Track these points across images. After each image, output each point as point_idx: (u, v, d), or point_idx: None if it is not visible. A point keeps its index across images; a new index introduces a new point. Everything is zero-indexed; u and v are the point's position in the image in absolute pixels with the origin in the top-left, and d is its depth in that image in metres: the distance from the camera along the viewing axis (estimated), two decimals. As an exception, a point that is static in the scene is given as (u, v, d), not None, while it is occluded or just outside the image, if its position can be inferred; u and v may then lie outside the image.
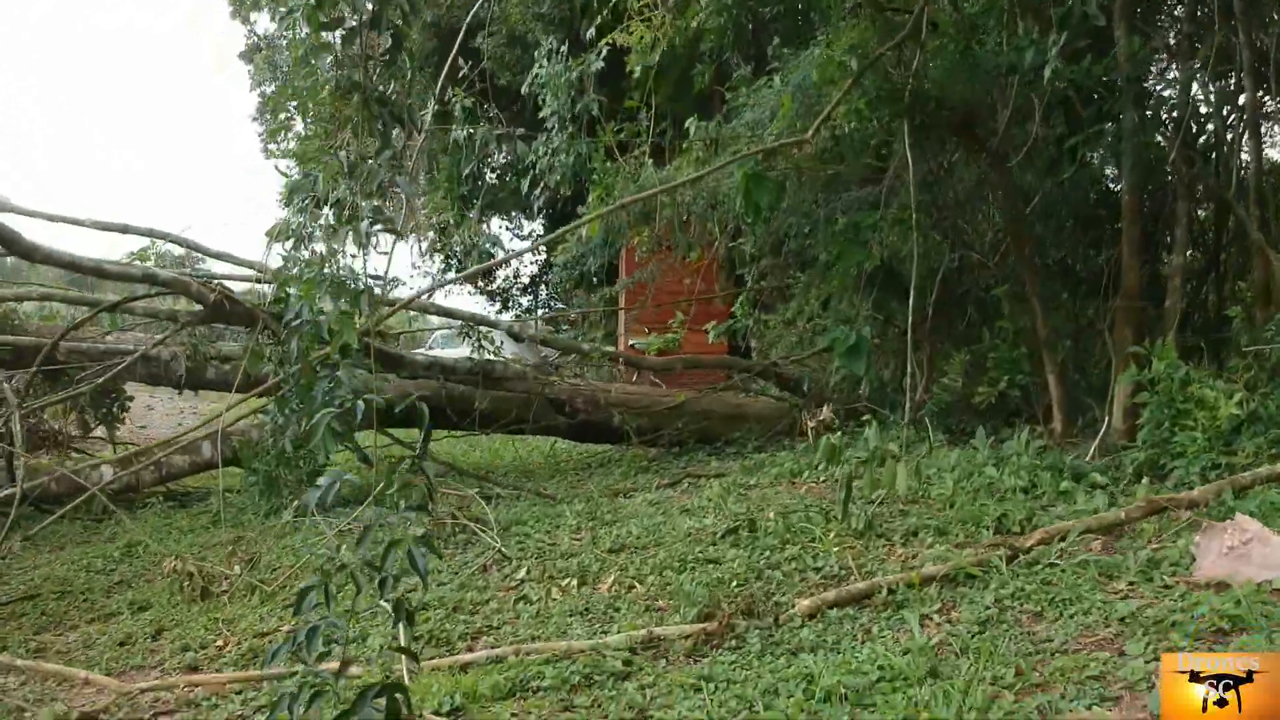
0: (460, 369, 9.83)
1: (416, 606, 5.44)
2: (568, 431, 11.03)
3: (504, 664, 4.33)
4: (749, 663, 4.08)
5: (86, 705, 4.39)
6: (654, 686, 3.96)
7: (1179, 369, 7.15)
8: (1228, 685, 2.64)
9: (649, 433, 10.77)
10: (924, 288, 10.35)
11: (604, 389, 10.84)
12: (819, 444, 6.45)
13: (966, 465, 7.57)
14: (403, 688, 3.33)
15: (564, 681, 4.09)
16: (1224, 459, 6.53)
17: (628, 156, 11.12)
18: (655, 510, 7.48)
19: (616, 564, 5.92)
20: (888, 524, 6.15)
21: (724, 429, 10.98)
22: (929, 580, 4.76)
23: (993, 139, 9.42)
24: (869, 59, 8.66)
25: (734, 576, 5.29)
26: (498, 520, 7.37)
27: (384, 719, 3.34)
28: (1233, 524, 4.72)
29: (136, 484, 9.58)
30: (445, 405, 10.04)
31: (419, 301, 10.08)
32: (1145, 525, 5.41)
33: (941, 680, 3.64)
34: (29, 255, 7.65)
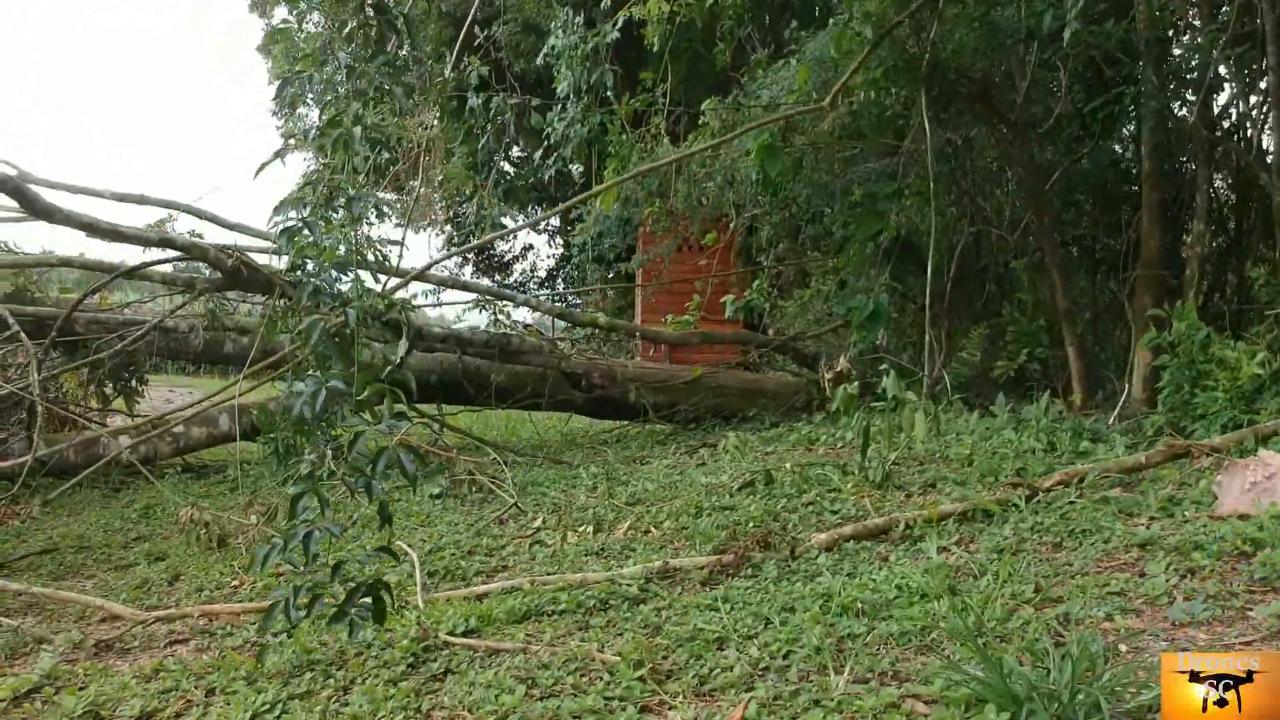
0: (477, 341, 9.83)
1: (433, 547, 5.45)
2: (584, 406, 11.00)
3: (520, 592, 4.31)
4: (765, 587, 4.05)
5: (104, 637, 4.39)
6: (670, 608, 3.93)
7: (1200, 330, 7.09)
8: (1228, 685, 2.60)
9: (665, 408, 10.75)
10: (942, 262, 10.33)
11: (620, 364, 10.82)
12: (835, 393, 6.40)
13: (985, 429, 7.53)
14: (386, 586, 3.33)
15: (579, 605, 4.07)
16: (1246, 418, 6.47)
17: (642, 130, 11.08)
18: (672, 470, 7.47)
19: (633, 514, 5.90)
20: (906, 478, 6.11)
21: (740, 404, 10.94)
22: (946, 517, 4.73)
23: (1012, 110, 9.37)
24: (885, 29, 8.63)
25: (750, 519, 5.26)
26: (517, 482, 7.37)
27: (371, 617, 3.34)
28: (1256, 460, 4.66)
29: (154, 455, 9.59)
30: (462, 379, 10.06)
31: (434, 273, 10.05)
32: (1166, 470, 5.36)
33: (960, 595, 3.60)
34: (49, 216, 7.67)
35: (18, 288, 9.33)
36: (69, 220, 7.65)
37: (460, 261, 30.15)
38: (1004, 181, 10.93)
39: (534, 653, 3.53)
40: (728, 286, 14.86)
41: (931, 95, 9.20)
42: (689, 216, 11.72)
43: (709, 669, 3.21)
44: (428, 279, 10.21)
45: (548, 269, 30.87)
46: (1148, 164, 8.72)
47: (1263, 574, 3.44)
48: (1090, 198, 10.52)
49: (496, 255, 30.95)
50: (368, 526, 6.21)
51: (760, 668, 3.20)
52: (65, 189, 8.84)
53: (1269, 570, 3.43)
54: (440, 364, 10.11)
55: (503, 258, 30.88)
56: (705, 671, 3.20)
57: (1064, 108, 9.68)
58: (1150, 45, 8.40)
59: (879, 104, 9.66)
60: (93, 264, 8.91)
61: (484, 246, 30.32)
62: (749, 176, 10.17)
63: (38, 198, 7.50)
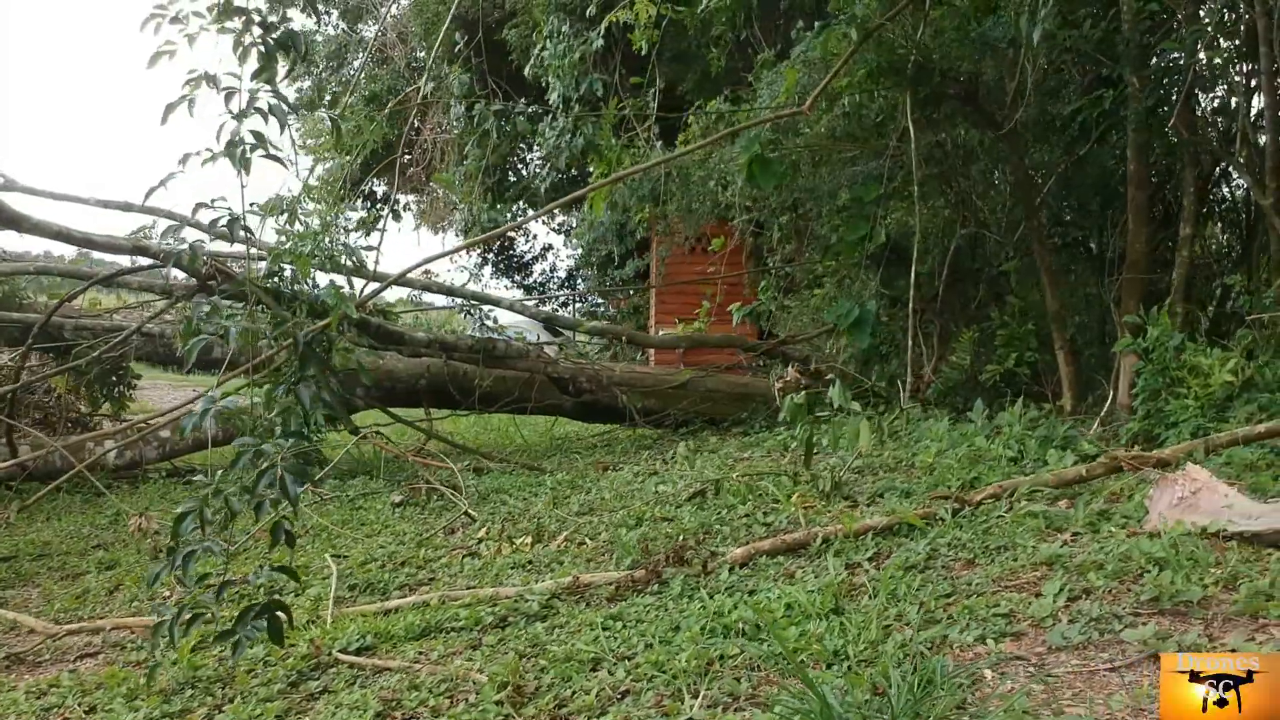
0: (461, 346, 9.82)
1: (367, 559, 5.44)
2: (572, 411, 10.99)
3: (426, 608, 4.29)
4: (665, 605, 4.01)
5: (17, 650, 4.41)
6: (564, 626, 3.90)
7: (1173, 336, 6.97)
8: (1228, 685, 2.59)
9: (655, 413, 10.71)
10: (934, 265, 10.23)
11: (608, 368, 10.78)
12: (784, 403, 6.33)
13: (957, 436, 7.44)
14: (284, 606, 3.32)
15: (477, 622, 4.05)
16: (1214, 426, 6.34)
17: (632, 135, 11.04)
18: (636, 478, 7.43)
19: (576, 524, 5.88)
20: (856, 488, 6.04)
21: (731, 408, 10.88)
22: (867, 531, 4.65)
23: (1001, 111, 9.25)
24: (868, 30, 8.54)
25: (682, 532, 5.22)
26: (481, 489, 7.38)
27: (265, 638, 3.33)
28: (1183, 474, 4.57)
29: (140, 460, 9.67)
30: (448, 383, 10.07)
31: (415, 277, 10.03)
32: (1107, 483, 5.26)
33: (843, 615, 3.54)
34: (16, 225, 7.74)
35: (4, 294, 9.42)
36: (38, 229, 7.72)
37: (480, 262, 30.26)
38: (998, 184, 10.81)
39: (415, 672, 3.51)
40: (739, 288, 14.85)
41: (918, 97, 9.11)
42: (682, 220, 11.66)
43: (571, 692, 3.18)
44: (410, 283, 10.21)
45: (567, 269, 30.87)
46: (1133, 165, 8.58)
47: (1151, 594, 3.34)
48: (1084, 200, 10.37)
49: (516, 255, 30.99)
50: (319, 536, 6.23)
51: (620, 691, 3.16)
52: (49, 196, 8.91)
53: (1158, 591, 3.34)
54: (427, 369, 10.12)
55: (522, 258, 30.92)
56: (567, 694, 3.16)
57: (1054, 106, 9.55)
58: (1132, 45, 8.26)
59: (865, 106, 9.57)
60: (69, 271, 8.98)
61: (504, 247, 30.40)
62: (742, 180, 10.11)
63: (5, 206, 7.57)
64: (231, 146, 3.80)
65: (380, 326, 9.24)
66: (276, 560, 3.94)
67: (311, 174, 15.62)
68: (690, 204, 11.39)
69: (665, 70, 11.92)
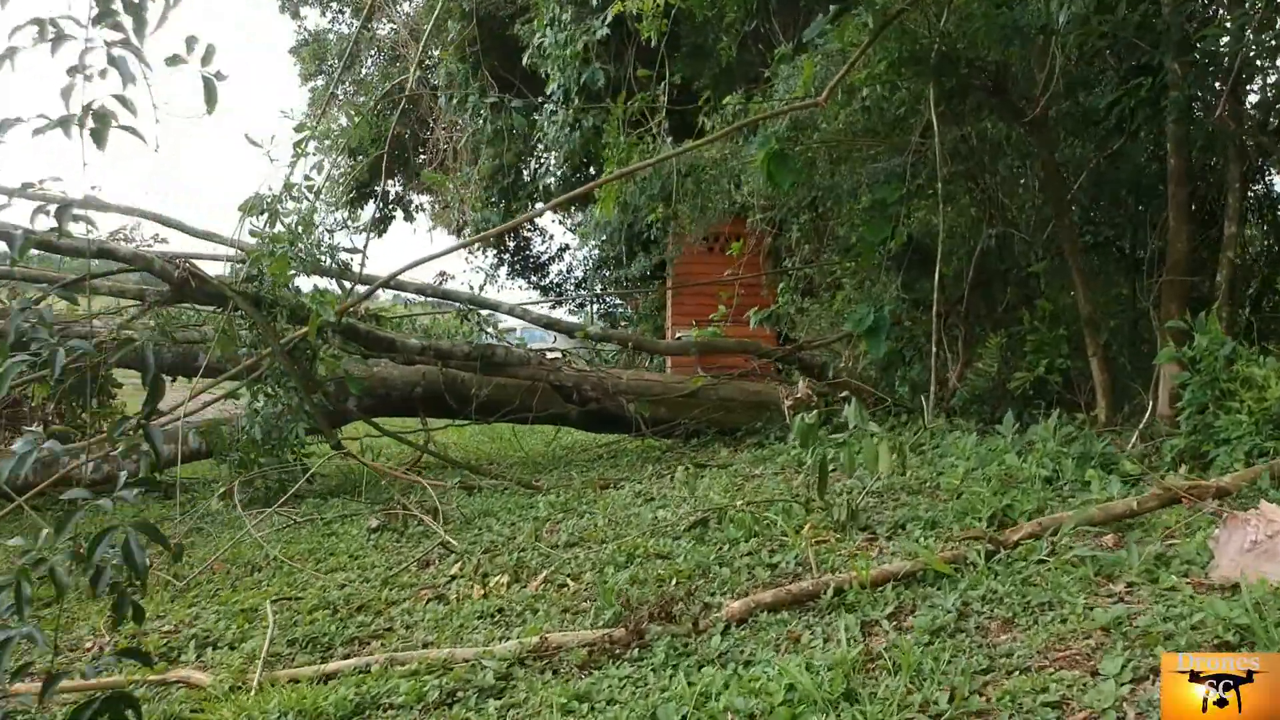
0: (457, 353, 9.20)
1: (319, 603, 4.84)
2: (578, 420, 10.36)
3: (367, 676, 3.67)
4: (644, 677, 3.38)
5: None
6: (522, 706, 3.27)
7: (1224, 344, 6.30)
8: (1228, 685, 2.58)
9: (665, 422, 10.09)
10: (961, 267, 9.57)
11: (614, 375, 10.16)
12: (794, 424, 5.68)
13: (986, 453, 6.80)
14: (132, 700, 2.71)
15: (420, 698, 3.41)
16: (1272, 444, 5.68)
17: (643, 130, 10.39)
18: (636, 500, 6.81)
19: (560, 560, 5.25)
20: (876, 515, 5.40)
21: (745, 417, 10.26)
22: (887, 579, 4.02)
23: (1030, 105, 8.60)
24: (887, 18, 7.90)
25: (675, 574, 4.59)
26: (468, 511, 6.79)
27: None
28: (1258, 514, 3.91)
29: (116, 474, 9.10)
30: (444, 392, 9.48)
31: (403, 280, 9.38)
32: (1162, 516, 4.61)
33: (856, 705, 2.91)
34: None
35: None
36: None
37: (495, 263, 29.67)
38: (1027, 180, 10.13)
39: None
40: (758, 290, 14.24)
41: (943, 89, 8.46)
42: (691, 220, 11.04)
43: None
44: (402, 286, 9.61)
45: (584, 269, 30.25)
46: (1174, 160, 7.94)
47: (1236, 681, 2.72)
48: (1119, 197, 9.70)
49: (533, 256, 30.42)
50: (279, 570, 5.63)
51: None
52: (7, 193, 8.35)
53: (1245, 677, 2.71)
54: (423, 376, 9.53)
55: (538, 259, 30.34)
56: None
57: (1088, 101, 8.89)
58: (1173, 30, 7.60)
59: (886, 99, 8.92)
60: (34, 275, 8.41)
61: (520, 247, 29.81)
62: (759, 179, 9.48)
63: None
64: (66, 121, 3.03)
65: (370, 333, 8.63)
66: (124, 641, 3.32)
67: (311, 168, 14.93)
68: (704, 203, 10.75)
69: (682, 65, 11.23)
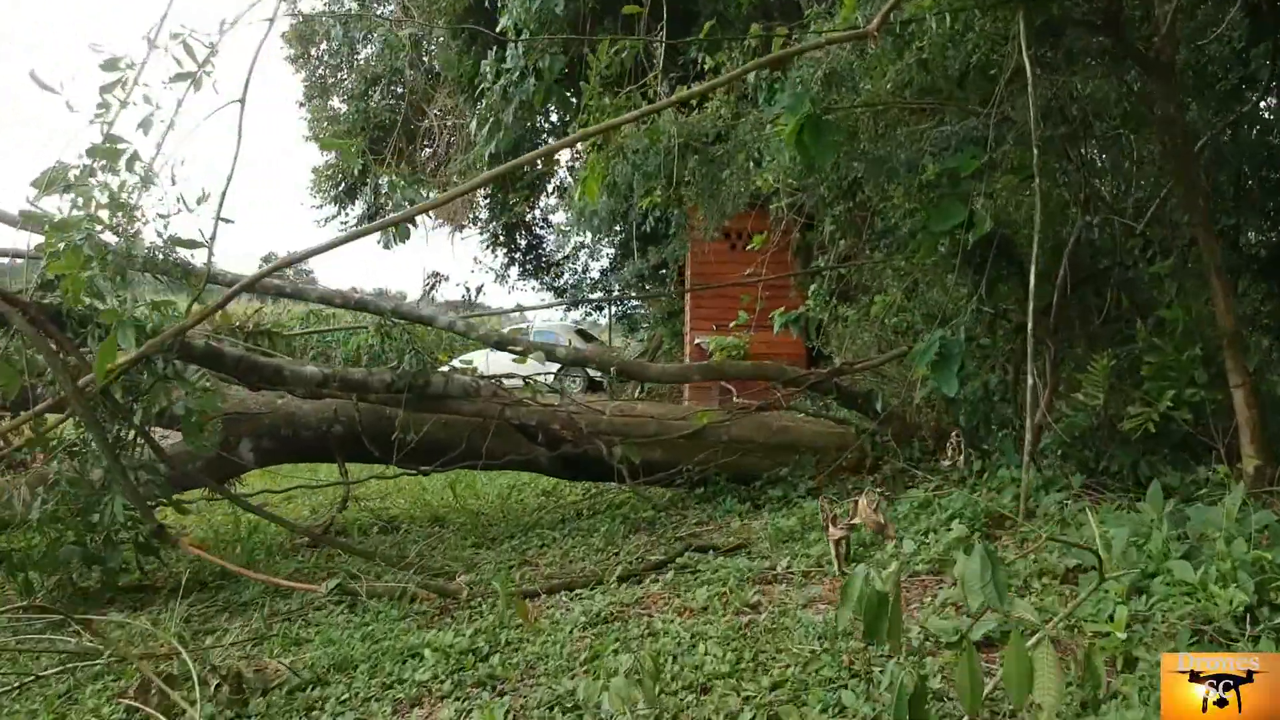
0: (374, 385, 6.90)
1: None
2: (548, 466, 7.97)
3: None
4: None
5: None
6: None
7: None
8: (1228, 685, 2.54)
9: (661, 467, 7.77)
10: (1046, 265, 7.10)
11: (595, 409, 7.82)
12: (845, 591, 3.21)
13: (1134, 545, 4.49)
14: None
15: None
16: None
17: (634, 88, 8.06)
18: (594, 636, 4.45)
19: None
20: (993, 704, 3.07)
21: (767, 462, 7.93)
22: None
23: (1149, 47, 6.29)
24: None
25: None
26: (312, 659, 4.43)
27: None
28: None
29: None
30: (362, 433, 7.18)
31: (267, 282, 6.71)
32: None
33: None
34: None
35: None
36: None
37: (506, 263, 27.79)
38: (1134, 152, 7.73)
39: None
40: (785, 290, 12.34)
41: (1035, 24, 6.12)
42: (697, 205, 8.75)
43: None
44: (268, 289, 7.17)
45: (600, 269, 28.30)
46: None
47: None
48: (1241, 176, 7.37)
49: (545, 256, 28.45)
50: None
51: None
52: None
53: None
54: (335, 412, 7.24)
55: (552, 258, 28.36)
56: None
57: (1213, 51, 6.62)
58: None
59: (957, 38, 6.60)
60: None
61: (531, 245, 27.87)
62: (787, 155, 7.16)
63: None
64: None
65: (244, 359, 6.34)
66: None
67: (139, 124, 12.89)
68: (717, 186, 8.42)
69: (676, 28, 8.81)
